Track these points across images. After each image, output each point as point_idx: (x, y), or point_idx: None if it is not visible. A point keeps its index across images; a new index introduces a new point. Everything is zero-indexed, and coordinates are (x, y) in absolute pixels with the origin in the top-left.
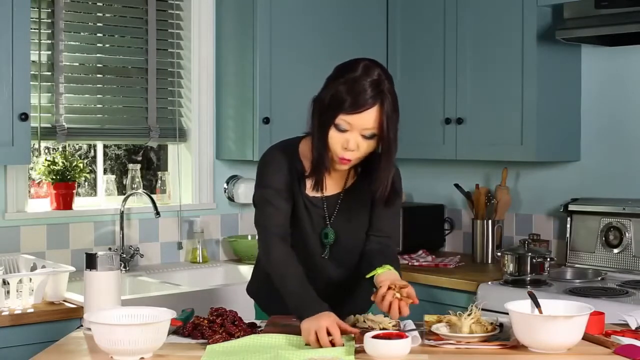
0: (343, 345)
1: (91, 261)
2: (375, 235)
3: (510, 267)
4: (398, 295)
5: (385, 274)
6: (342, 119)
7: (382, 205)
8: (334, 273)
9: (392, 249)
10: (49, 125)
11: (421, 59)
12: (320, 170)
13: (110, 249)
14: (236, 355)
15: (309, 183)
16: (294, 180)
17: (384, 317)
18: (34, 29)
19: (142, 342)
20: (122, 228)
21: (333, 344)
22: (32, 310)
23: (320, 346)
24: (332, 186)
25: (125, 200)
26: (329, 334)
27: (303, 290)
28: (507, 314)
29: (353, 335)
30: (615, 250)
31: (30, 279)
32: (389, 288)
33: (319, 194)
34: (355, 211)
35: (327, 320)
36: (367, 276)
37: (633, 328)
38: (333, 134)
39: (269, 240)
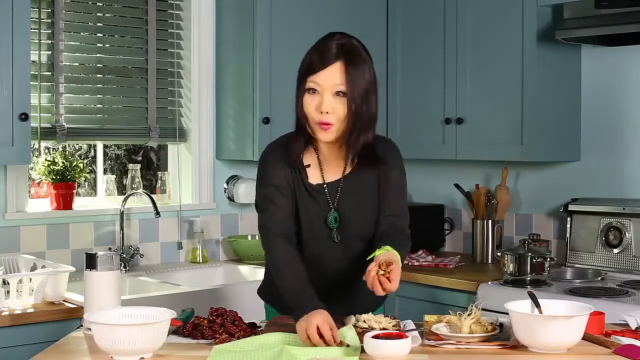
0: (338, 344)
1: (91, 261)
2: (383, 217)
3: (510, 267)
4: (382, 272)
5: (382, 255)
6: (311, 80)
7: (386, 186)
8: (344, 260)
9: (401, 227)
10: (49, 125)
11: (421, 59)
12: (299, 140)
13: (110, 249)
14: (242, 353)
15: (306, 167)
16: (295, 171)
17: (384, 317)
18: (34, 29)
19: (142, 342)
20: (122, 228)
21: (327, 344)
22: (32, 310)
23: (313, 345)
24: (332, 173)
25: (125, 200)
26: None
27: (300, 288)
28: (507, 314)
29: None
30: (615, 250)
31: (30, 279)
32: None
33: (320, 181)
34: (358, 194)
35: (318, 319)
36: (367, 259)
37: (633, 328)
38: (306, 98)
39: (270, 240)
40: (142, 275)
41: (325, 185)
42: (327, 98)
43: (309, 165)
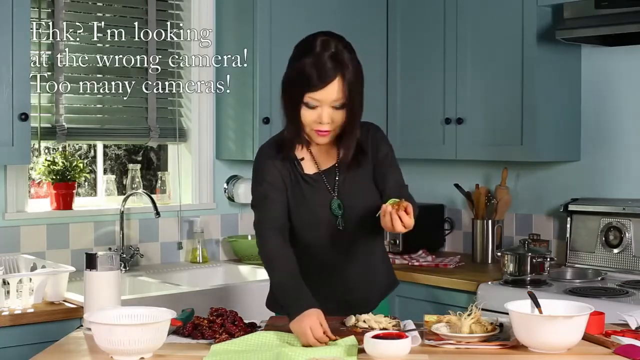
0: (328, 343)
1: (91, 261)
2: (387, 190)
3: (510, 267)
4: (397, 207)
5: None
6: (310, 97)
7: (381, 165)
8: (351, 247)
9: (407, 193)
10: (49, 125)
11: (421, 59)
12: (292, 147)
13: (110, 249)
14: (239, 354)
15: (300, 162)
16: (289, 165)
17: (384, 317)
18: (34, 29)
19: (142, 342)
20: (122, 228)
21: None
22: (32, 310)
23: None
24: (326, 160)
25: (125, 200)
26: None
27: (292, 283)
28: (507, 314)
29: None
30: (615, 250)
31: (30, 279)
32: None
33: (316, 170)
34: (357, 179)
35: (309, 321)
36: (377, 215)
37: (633, 328)
38: (304, 112)
39: (263, 233)
40: (142, 275)
41: (322, 174)
42: (327, 111)
43: (302, 159)
